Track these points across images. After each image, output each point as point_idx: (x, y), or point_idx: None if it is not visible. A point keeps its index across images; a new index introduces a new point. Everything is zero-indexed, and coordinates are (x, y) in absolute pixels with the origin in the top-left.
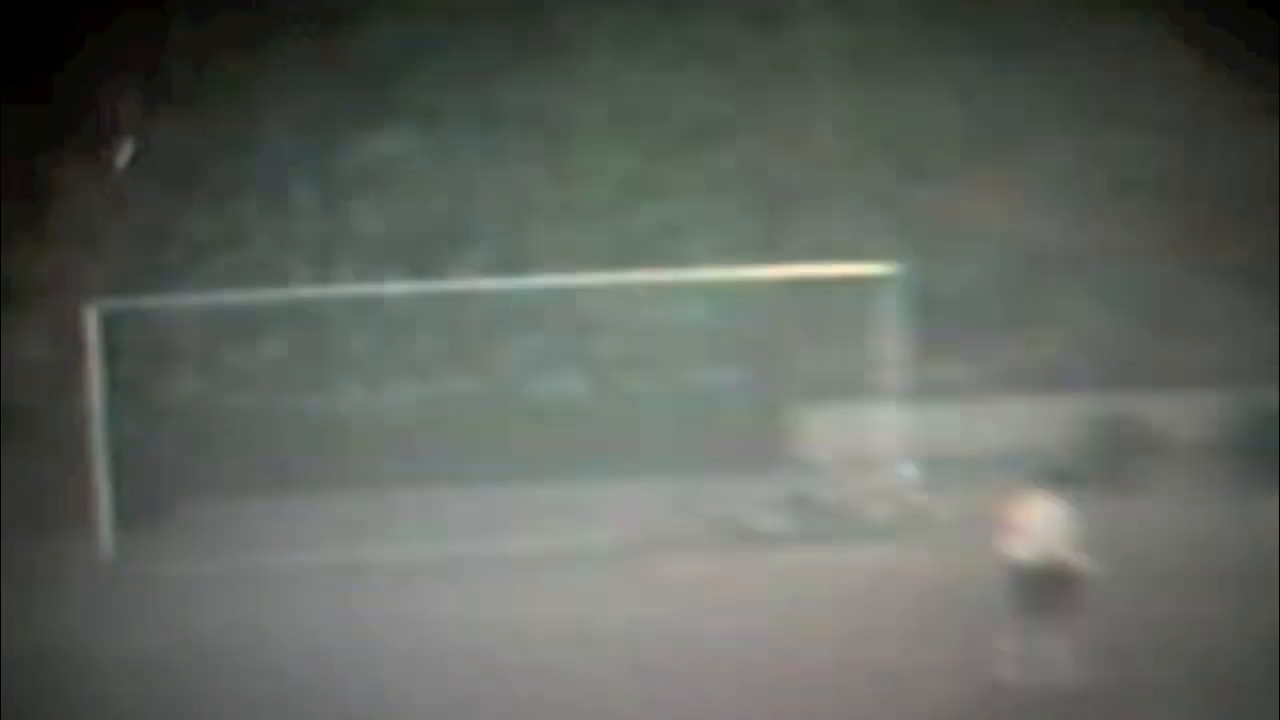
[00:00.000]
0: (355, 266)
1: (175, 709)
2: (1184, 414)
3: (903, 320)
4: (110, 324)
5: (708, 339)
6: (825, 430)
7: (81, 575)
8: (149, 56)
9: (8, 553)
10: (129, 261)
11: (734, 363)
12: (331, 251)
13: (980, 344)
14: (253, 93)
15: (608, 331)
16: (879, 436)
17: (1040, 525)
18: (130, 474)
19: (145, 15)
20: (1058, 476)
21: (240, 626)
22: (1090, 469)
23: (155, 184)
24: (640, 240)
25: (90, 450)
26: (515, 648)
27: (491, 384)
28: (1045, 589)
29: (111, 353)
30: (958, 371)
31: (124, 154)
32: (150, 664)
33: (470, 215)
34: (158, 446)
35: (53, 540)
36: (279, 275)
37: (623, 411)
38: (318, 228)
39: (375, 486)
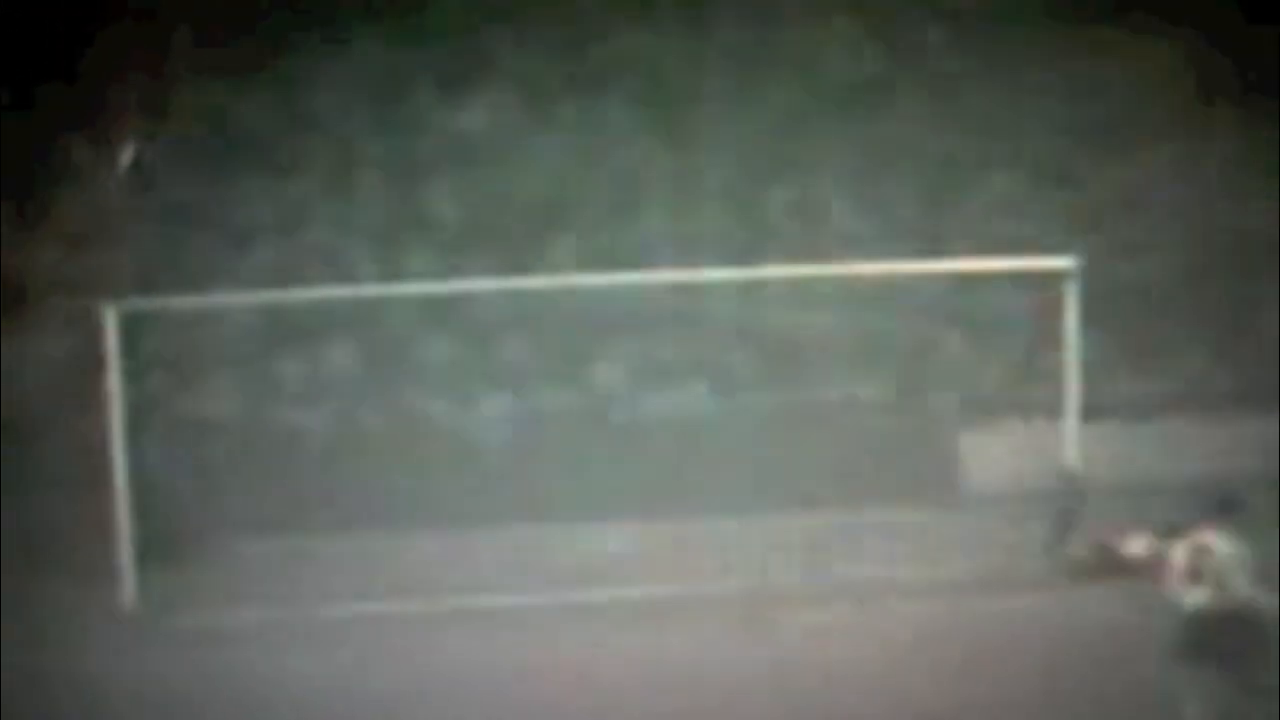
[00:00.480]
0: (430, 259)
1: None
2: None
3: (1085, 323)
4: (133, 328)
5: (852, 346)
6: (991, 456)
7: (99, 627)
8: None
9: (11, 601)
10: (156, 253)
11: (884, 375)
12: (401, 241)
13: (1172, 351)
14: (310, 54)
15: (731, 337)
16: (1056, 463)
17: (1218, 563)
18: (157, 507)
19: None
20: (1225, 506)
21: (288, 689)
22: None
23: (190, 163)
24: (770, 228)
25: (109, 478)
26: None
27: (593, 400)
28: (1227, 635)
29: (134, 362)
30: (1146, 385)
31: (128, 154)
32: None
33: (568, 199)
34: (189, 474)
35: (65, 586)
36: (338, 269)
37: (749, 433)
38: (385, 213)
39: (451, 523)
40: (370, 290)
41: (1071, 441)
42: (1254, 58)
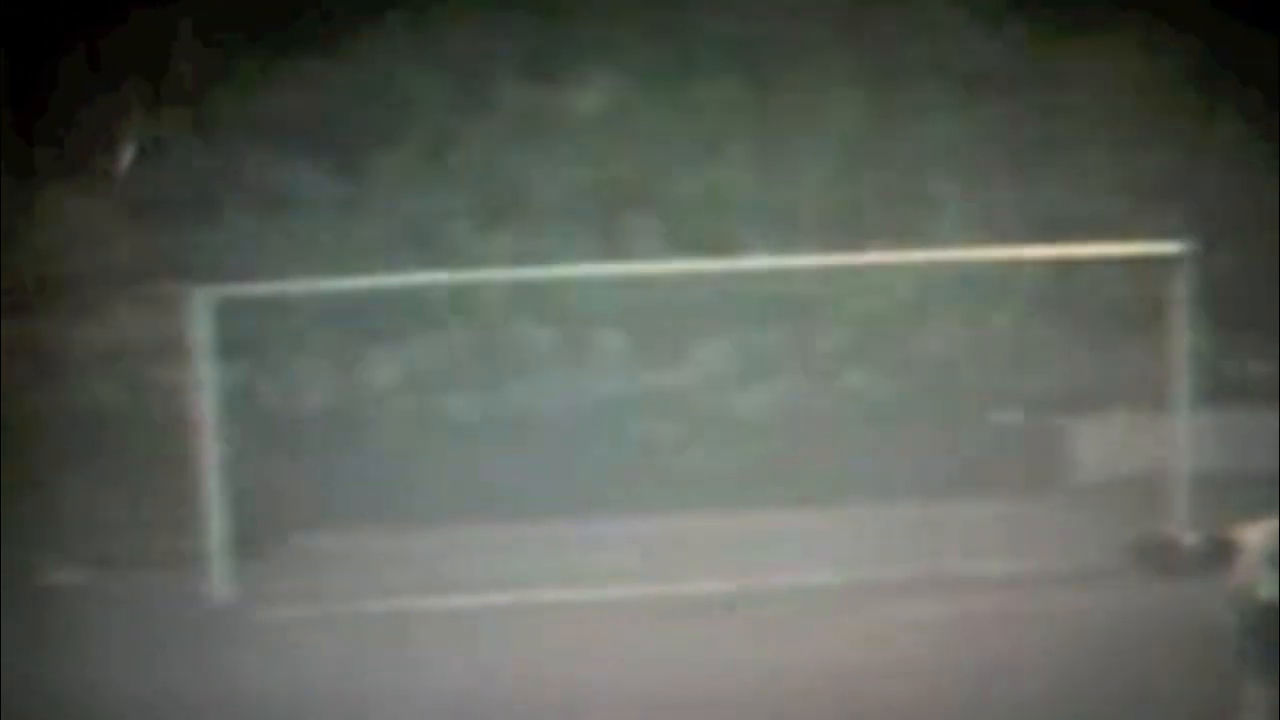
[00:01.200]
0: (523, 244)
1: None
2: None
3: (1193, 312)
4: (222, 315)
5: (955, 334)
6: (1098, 445)
7: (187, 622)
8: None
9: (96, 591)
10: (246, 236)
11: (987, 363)
12: (496, 225)
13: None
14: (395, 28)
15: (828, 324)
16: (1163, 452)
17: None
18: (247, 498)
19: None
20: None
21: (383, 685)
22: None
23: (276, 142)
24: (868, 211)
25: (199, 468)
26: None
27: (689, 387)
28: None
29: (224, 350)
30: (1254, 372)
31: (125, 158)
32: None
33: (662, 183)
34: (280, 464)
35: (152, 579)
36: (431, 255)
37: (848, 422)
38: (479, 197)
39: (547, 513)
40: (463, 277)
41: (1177, 433)
42: None
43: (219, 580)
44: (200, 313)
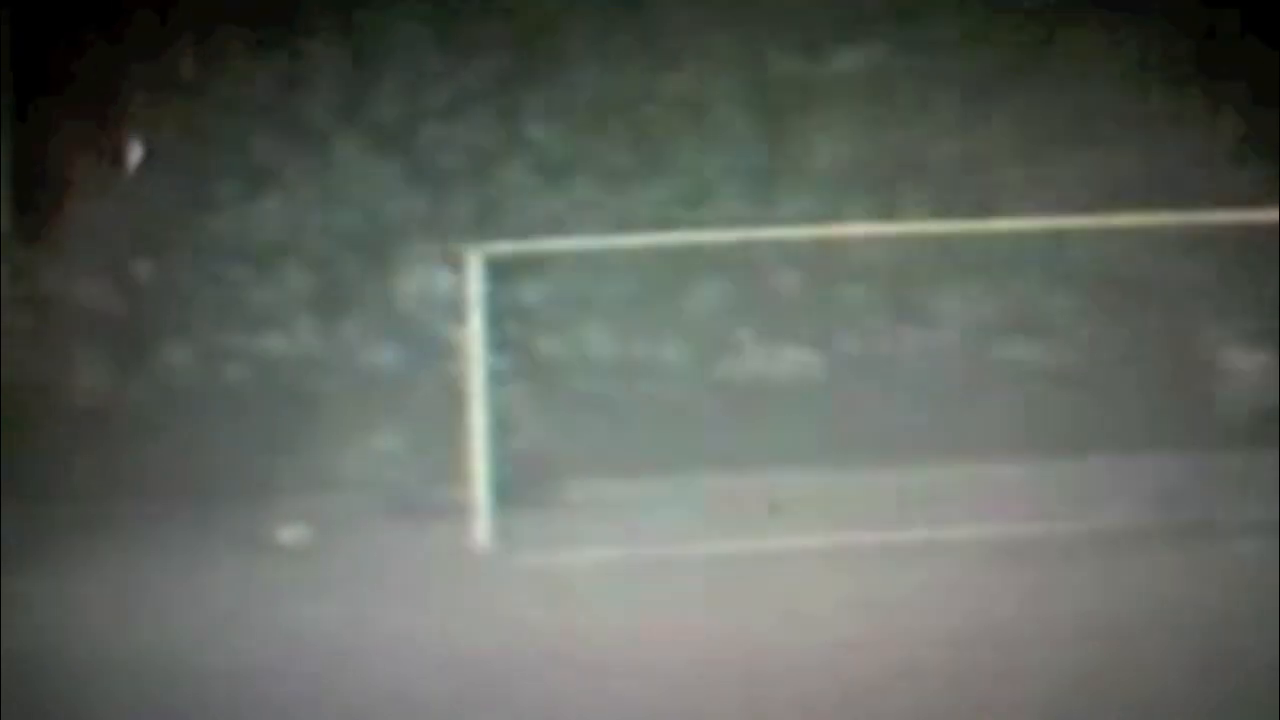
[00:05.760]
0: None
1: None
2: None
3: None
4: (495, 270)
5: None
6: None
7: (453, 566)
8: None
9: (363, 540)
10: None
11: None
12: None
13: None
14: None
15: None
16: None
17: None
18: (511, 446)
19: None
20: None
21: (647, 629)
22: None
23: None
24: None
25: (466, 418)
26: None
27: (947, 340)
28: None
29: (497, 305)
30: None
31: (135, 154)
32: (537, 672)
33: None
34: (546, 413)
35: (418, 525)
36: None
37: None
38: (753, 155)
39: (815, 463)
40: (738, 235)
41: None
42: None
43: (485, 527)
44: (474, 269)
